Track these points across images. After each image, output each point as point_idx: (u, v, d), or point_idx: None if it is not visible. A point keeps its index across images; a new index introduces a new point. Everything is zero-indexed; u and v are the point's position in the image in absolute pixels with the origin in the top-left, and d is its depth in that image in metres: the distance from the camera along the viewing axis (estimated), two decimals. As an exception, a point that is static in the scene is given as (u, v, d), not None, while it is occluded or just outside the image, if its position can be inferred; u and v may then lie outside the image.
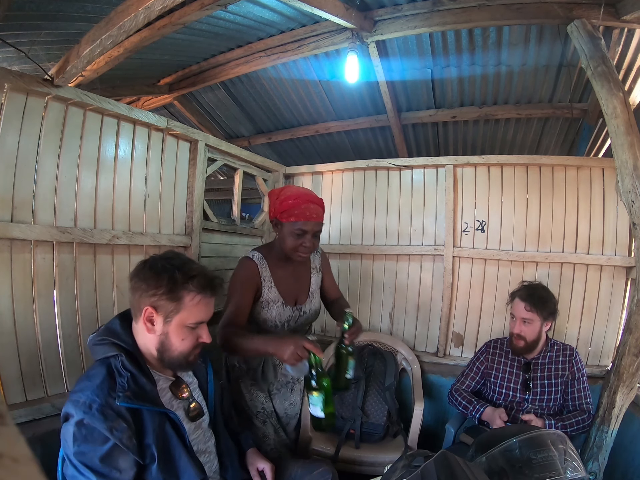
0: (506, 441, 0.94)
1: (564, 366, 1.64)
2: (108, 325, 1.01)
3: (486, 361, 1.75)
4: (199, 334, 0.99)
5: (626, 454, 1.76)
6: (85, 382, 0.89)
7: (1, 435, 0.21)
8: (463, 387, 1.74)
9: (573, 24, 1.79)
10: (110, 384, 0.88)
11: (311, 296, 1.55)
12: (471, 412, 1.62)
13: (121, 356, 0.92)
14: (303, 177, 2.69)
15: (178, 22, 2.00)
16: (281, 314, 1.44)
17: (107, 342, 0.96)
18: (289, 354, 1.11)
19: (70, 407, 0.85)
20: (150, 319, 0.94)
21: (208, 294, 0.98)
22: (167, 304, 0.93)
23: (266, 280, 1.42)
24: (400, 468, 0.77)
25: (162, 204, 1.86)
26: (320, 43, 2.46)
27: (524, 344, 1.61)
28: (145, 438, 0.89)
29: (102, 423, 0.82)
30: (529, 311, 1.58)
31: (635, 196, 1.55)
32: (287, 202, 1.34)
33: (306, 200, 1.35)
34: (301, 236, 1.34)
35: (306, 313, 1.52)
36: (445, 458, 0.74)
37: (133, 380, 0.91)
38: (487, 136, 3.24)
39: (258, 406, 1.49)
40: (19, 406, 1.31)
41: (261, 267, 1.42)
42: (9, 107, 1.30)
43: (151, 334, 0.96)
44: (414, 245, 2.36)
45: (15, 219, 1.33)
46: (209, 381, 1.14)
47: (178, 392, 1.03)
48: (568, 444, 0.97)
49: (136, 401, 0.87)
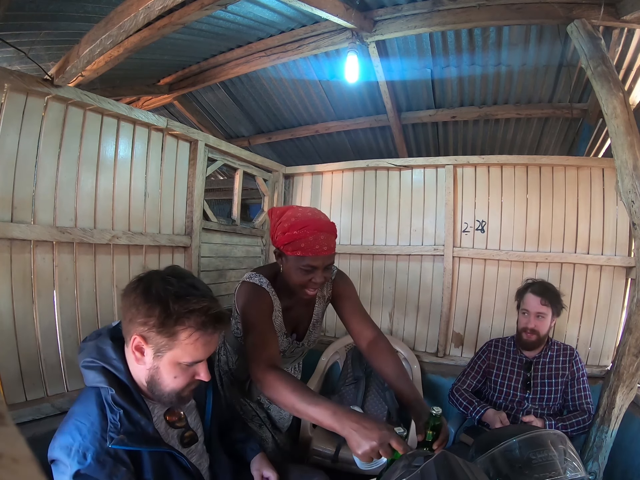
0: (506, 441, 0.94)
1: (564, 366, 1.64)
2: (99, 344, 0.88)
3: (487, 360, 1.76)
4: (196, 372, 0.87)
5: (626, 454, 1.76)
6: (75, 421, 0.80)
7: (1, 435, 0.21)
8: (464, 387, 1.74)
9: (573, 24, 1.79)
10: (102, 424, 0.78)
11: (312, 328, 1.37)
12: (471, 412, 1.62)
13: (111, 391, 0.81)
14: (303, 177, 2.69)
15: (178, 22, 2.00)
16: (280, 343, 1.28)
17: (97, 367, 0.85)
18: (369, 450, 0.82)
19: (62, 454, 0.76)
20: (139, 348, 0.82)
21: (209, 330, 0.83)
22: (159, 338, 0.80)
23: (276, 309, 1.25)
24: (400, 468, 0.77)
25: (162, 204, 1.86)
26: (320, 43, 2.46)
27: (536, 338, 1.62)
28: (144, 474, 0.83)
29: (100, 472, 0.75)
30: (545, 305, 1.60)
31: (635, 196, 1.55)
32: (292, 232, 1.11)
33: (314, 229, 1.10)
34: (310, 272, 1.13)
35: (304, 345, 1.38)
36: (445, 458, 0.74)
37: (127, 417, 0.80)
38: (487, 136, 3.24)
39: (251, 412, 1.44)
40: (19, 406, 1.31)
41: (273, 296, 1.23)
42: (9, 107, 1.31)
43: (140, 365, 0.84)
44: (414, 246, 2.36)
45: (15, 219, 1.33)
46: (208, 403, 1.04)
47: (173, 418, 0.94)
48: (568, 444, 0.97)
49: (131, 444, 0.78)
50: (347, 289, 1.34)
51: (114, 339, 0.89)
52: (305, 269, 1.12)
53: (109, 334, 0.90)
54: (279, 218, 1.17)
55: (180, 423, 0.95)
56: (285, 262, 1.18)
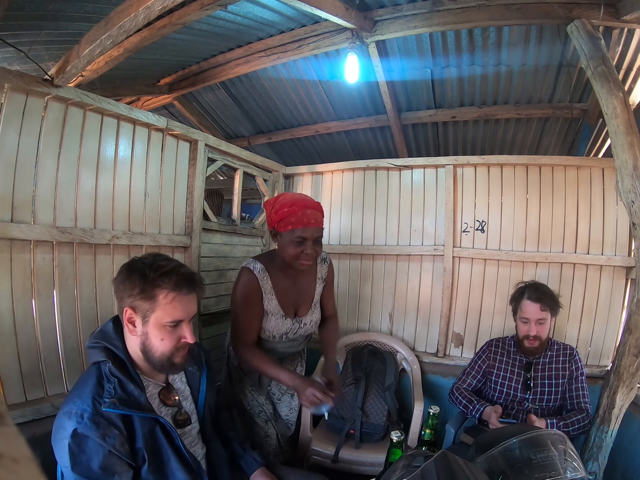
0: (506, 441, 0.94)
1: (564, 366, 1.64)
2: (102, 327, 1.01)
3: (488, 360, 1.75)
4: (181, 334, 0.96)
5: (626, 454, 1.76)
6: (76, 391, 0.90)
7: (1, 435, 0.21)
8: (464, 386, 1.74)
9: (573, 24, 1.79)
10: (98, 390, 0.88)
11: (313, 307, 1.51)
12: (471, 411, 1.62)
13: (108, 362, 0.92)
14: (303, 177, 2.69)
15: (178, 22, 2.00)
16: (280, 325, 1.42)
17: (99, 345, 0.96)
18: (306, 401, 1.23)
19: (64, 418, 0.86)
20: (130, 320, 0.94)
21: (184, 290, 0.94)
22: (143, 304, 0.92)
23: (267, 292, 1.39)
24: (400, 468, 0.77)
25: (162, 204, 1.86)
26: (320, 43, 2.46)
27: (539, 344, 1.61)
28: (136, 442, 0.90)
29: (94, 431, 0.83)
30: (544, 311, 1.58)
31: (635, 196, 1.55)
32: (283, 210, 1.28)
33: (302, 206, 1.28)
34: (301, 244, 1.29)
35: (306, 325, 1.49)
36: (445, 458, 0.74)
37: (120, 386, 0.90)
38: (487, 136, 3.24)
39: (259, 407, 1.52)
40: (19, 406, 1.31)
41: (262, 279, 1.37)
42: (9, 107, 1.30)
43: (133, 335, 0.95)
44: (414, 246, 2.36)
45: (15, 219, 1.32)
46: (201, 391, 1.12)
47: (167, 398, 1.02)
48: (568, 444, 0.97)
49: (122, 407, 0.87)
50: (332, 275, 1.60)
51: (115, 323, 1.01)
52: (297, 240, 1.28)
53: (112, 320, 1.03)
54: (273, 204, 1.35)
55: (173, 402, 1.04)
56: (280, 239, 1.34)
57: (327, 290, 1.57)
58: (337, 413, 1.91)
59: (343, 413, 1.91)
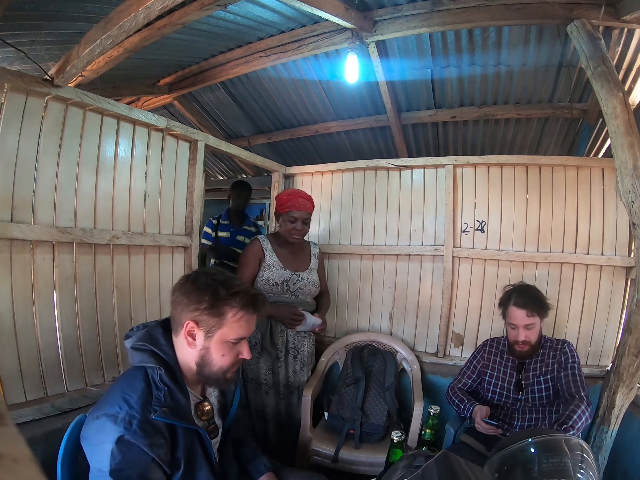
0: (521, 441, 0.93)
1: (554, 360, 1.60)
2: (150, 331, 0.99)
3: (482, 360, 1.74)
4: (239, 350, 0.99)
5: (626, 454, 1.76)
6: (123, 394, 0.87)
7: (1, 435, 0.21)
8: (459, 386, 1.75)
9: (573, 24, 1.79)
10: (148, 398, 0.87)
11: (310, 270, 1.92)
12: (463, 410, 1.62)
13: (160, 370, 0.91)
14: (303, 177, 2.69)
15: (178, 22, 2.00)
16: (280, 274, 1.82)
17: (147, 349, 0.95)
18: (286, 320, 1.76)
19: (108, 421, 0.83)
20: (191, 333, 0.94)
21: (250, 310, 0.97)
22: (209, 319, 0.93)
23: (267, 250, 1.84)
24: (401, 468, 0.77)
25: (162, 204, 1.86)
26: (320, 43, 2.46)
27: (529, 348, 1.59)
28: (177, 451, 0.90)
29: (142, 439, 0.82)
30: (531, 316, 1.54)
31: (635, 196, 1.55)
32: (283, 198, 1.84)
33: (297, 195, 1.83)
34: (293, 222, 1.80)
35: (304, 280, 1.87)
36: (446, 458, 0.74)
37: (170, 394, 0.90)
38: (487, 136, 3.24)
39: (262, 377, 1.83)
40: (19, 406, 1.31)
41: (264, 243, 1.85)
42: (9, 107, 1.30)
43: (192, 348, 0.95)
44: (414, 246, 2.36)
45: (15, 219, 1.32)
46: (233, 405, 1.14)
47: (202, 412, 1.03)
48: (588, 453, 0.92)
49: (172, 417, 0.88)
50: (322, 256, 2.09)
51: (165, 329, 1.01)
52: (290, 219, 1.80)
53: (160, 325, 1.02)
54: (279, 195, 1.90)
55: (207, 416, 1.04)
56: (280, 219, 1.85)
57: (319, 267, 2.00)
58: (337, 413, 1.91)
59: (343, 413, 1.90)
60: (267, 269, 1.81)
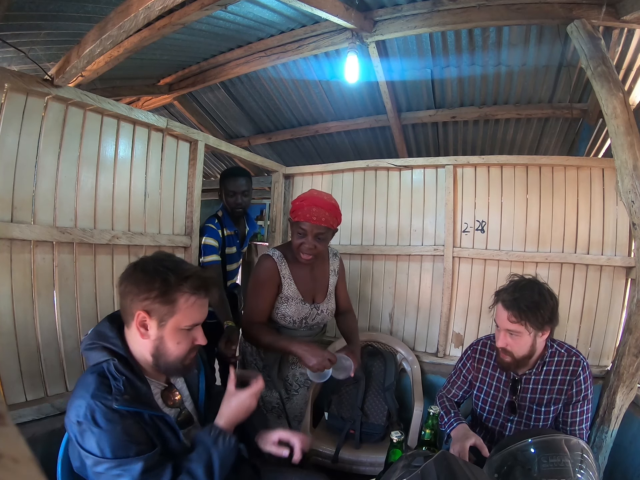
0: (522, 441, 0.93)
1: (562, 387, 1.30)
2: (97, 328, 0.97)
3: (472, 369, 1.46)
4: (194, 337, 0.97)
5: (626, 454, 1.76)
6: (80, 392, 0.86)
7: (1, 435, 0.21)
8: (448, 396, 1.50)
9: (573, 24, 1.79)
10: (105, 388, 0.85)
11: (329, 296, 1.58)
12: (445, 424, 1.36)
13: (113, 360, 0.89)
14: (303, 177, 2.69)
15: (178, 22, 1.99)
16: (300, 310, 1.49)
17: (97, 346, 0.92)
18: (317, 363, 1.28)
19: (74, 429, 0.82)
20: (143, 323, 0.91)
21: (202, 294, 0.95)
22: (161, 308, 0.90)
23: (285, 277, 1.47)
24: (400, 468, 0.77)
25: (162, 204, 1.86)
26: (320, 43, 2.45)
27: (511, 360, 1.27)
28: None
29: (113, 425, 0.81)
30: (515, 322, 1.20)
31: (635, 196, 1.55)
32: (296, 203, 1.42)
33: (311, 202, 1.38)
34: (302, 236, 1.39)
35: (323, 312, 1.55)
36: (445, 458, 0.74)
37: (129, 383, 0.88)
38: (487, 136, 3.23)
39: (273, 402, 1.56)
40: (19, 406, 1.31)
41: (280, 265, 1.47)
42: (9, 107, 1.31)
43: (145, 339, 0.92)
44: (414, 246, 2.36)
45: (15, 219, 1.33)
46: (200, 390, 1.11)
47: (169, 399, 1.01)
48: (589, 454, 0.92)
49: (135, 404, 0.85)
50: (343, 270, 1.68)
51: (112, 323, 0.97)
52: (299, 232, 1.40)
53: (107, 319, 0.99)
54: (295, 200, 1.46)
55: (174, 403, 1.02)
56: (291, 227, 1.46)
57: (340, 284, 1.65)
58: (337, 413, 1.91)
59: (343, 413, 1.91)
60: (285, 302, 1.47)
